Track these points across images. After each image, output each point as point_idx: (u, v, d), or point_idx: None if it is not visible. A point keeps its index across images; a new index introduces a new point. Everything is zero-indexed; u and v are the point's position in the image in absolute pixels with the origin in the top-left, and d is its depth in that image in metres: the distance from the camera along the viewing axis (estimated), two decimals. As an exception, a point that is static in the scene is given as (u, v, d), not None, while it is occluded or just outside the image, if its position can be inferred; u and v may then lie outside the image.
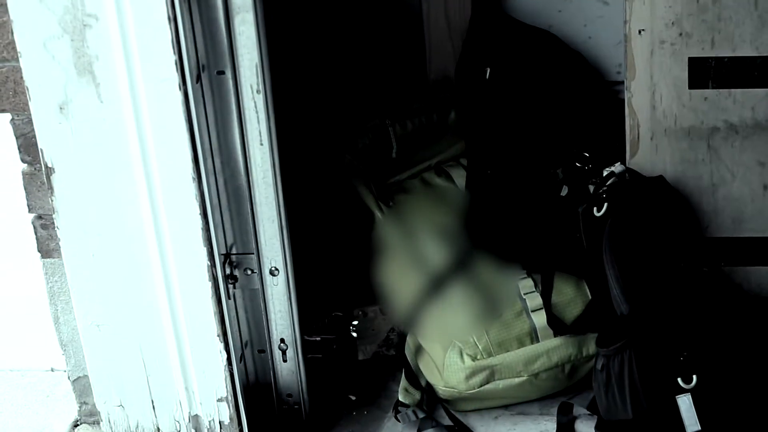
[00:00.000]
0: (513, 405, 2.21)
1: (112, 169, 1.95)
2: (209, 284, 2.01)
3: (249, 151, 2.00)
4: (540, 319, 2.14)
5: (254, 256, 2.08)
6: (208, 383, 2.10)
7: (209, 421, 2.14)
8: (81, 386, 2.22)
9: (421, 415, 2.16)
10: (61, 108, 1.92)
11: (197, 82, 1.94)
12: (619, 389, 2.01)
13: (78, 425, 2.26)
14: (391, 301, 2.24)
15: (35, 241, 2.11)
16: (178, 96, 1.88)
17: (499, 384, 2.14)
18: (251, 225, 2.06)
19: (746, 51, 2.20)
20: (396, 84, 2.50)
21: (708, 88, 2.25)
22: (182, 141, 1.91)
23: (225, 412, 2.13)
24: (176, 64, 1.85)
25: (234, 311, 2.14)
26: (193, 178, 1.93)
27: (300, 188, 2.23)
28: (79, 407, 2.25)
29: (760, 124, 2.25)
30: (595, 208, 2.14)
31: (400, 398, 2.19)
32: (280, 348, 2.16)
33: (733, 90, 2.24)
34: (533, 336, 2.14)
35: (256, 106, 1.96)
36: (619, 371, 2.01)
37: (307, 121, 2.31)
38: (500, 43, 2.40)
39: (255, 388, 2.21)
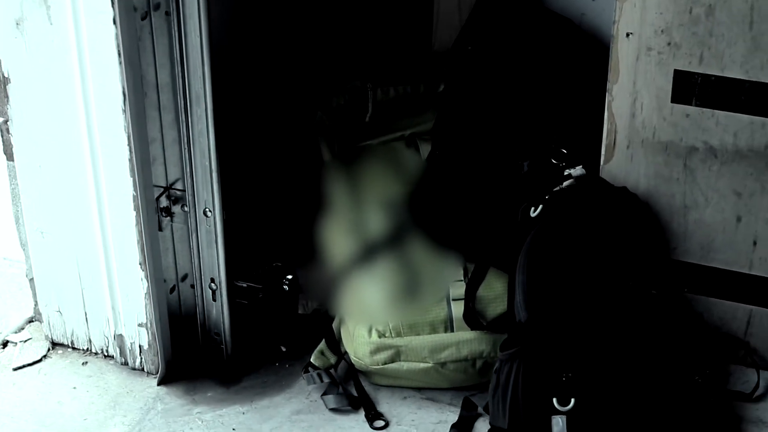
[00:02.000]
0: (427, 389, 2.19)
1: (58, 90, 2.03)
2: (133, 214, 2.08)
3: (190, 92, 2.04)
4: (459, 309, 2.10)
5: (190, 195, 2.13)
6: (131, 307, 2.18)
7: (131, 343, 2.23)
8: (35, 286, 2.33)
9: (326, 380, 2.18)
10: (17, 23, 2.01)
11: (144, 19, 1.99)
12: (502, 396, 1.96)
13: (32, 322, 2.39)
14: (325, 261, 2.24)
15: (1, 143, 2.23)
16: (113, 30, 1.93)
17: (403, 365, 2.12)
18: (188, 164, 2.10)
19: (735, 72, 2.06)
20: (397, 51, 2.45)
21: (691, 104, 2.12)
22: (114, 74, 1.96)
23: (145, 337, 2.20)
24: (112, -1, 1.91)
25: (171, 244, 2.19)
26: (123, 110, 1.99)
27: (258, 138, 2.26)
28: (35, 305, 2.37)
29: (740, 151, 2.11)
30: (532, 208, 2.07)
31: (312, 359, 2.21)
32: (210, 287, 2.21)
33: (717, 111, 2.10)
34: (448, 325, 2.10)
35: (197, 50, 1.99)
36: (505, 379, 1.95)
37: (282, 74, 2.32)
38: (498, 22, 2.31)
39: (186, 320, 2.27)
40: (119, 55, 1.94)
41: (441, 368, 2.12)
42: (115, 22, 1.92)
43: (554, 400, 1.90)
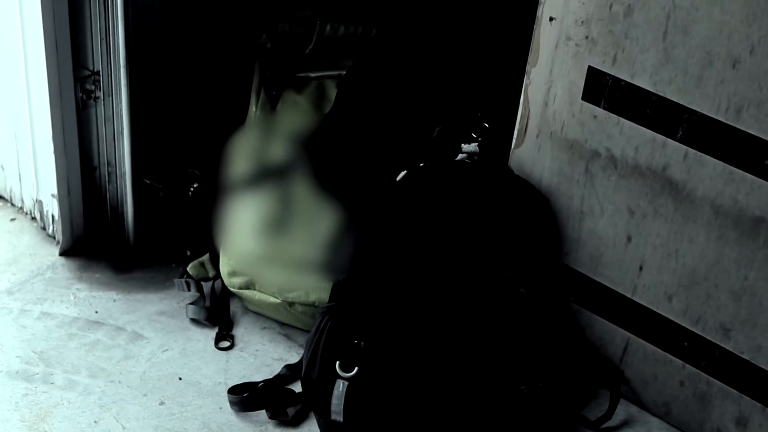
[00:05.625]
0: (289, 326, 2.19)
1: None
2: (46, 90, 2.18)
3: (110, -15, 2.11)
4: (319, 255, 2.09)
5: (106, 85, 2.21)
6: (46, 178, 2.30)
7: (47, 211, 2.36)
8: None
9: (194, 289, 2.23)
10: None
11: None
12: (307, 348, 1.95)
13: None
14: (226, 176, 2.26)
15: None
16: None
17: (255, 294, 2.14)
18: (106, 55, 2.18)
19: (644, 82, 1.90)
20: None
21: (600, 106, 1.98)
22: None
23: (56, 208, 2.32)
24: None
25: (95, 127, 2.28)
26: (42, -4, 2.10)
27: (199, 48, 2.30)
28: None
29: (639, 167, 1.96)
30: (403, 172, 2.02)
31: (188, 268, 2.26)
32: (123, 176, 2.30)
33: (622, 119, 1.95)
34: (304, 268, 2.09)
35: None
36: (314, 331, 1.93)
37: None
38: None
39: (104, 201, 2.36)
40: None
41: (289, 307, 2.12)
42: None
43: (337, 363, 1.87)
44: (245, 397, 1.98)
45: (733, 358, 1.94)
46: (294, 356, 2.14)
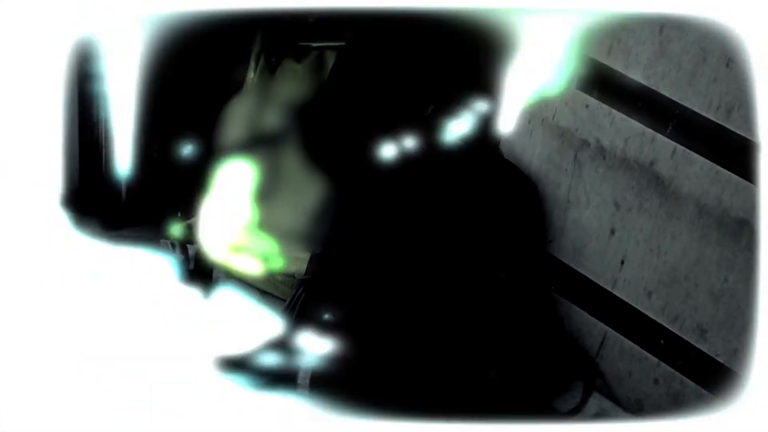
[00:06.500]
0: (270, 295, 2.19)
1: None
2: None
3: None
4: (303, 226, 2.08)
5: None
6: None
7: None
8: None
9: (179, 251, 2.23)
10: None
11: None
12: (282, 316, 1.95)
13: None
14: (219, 139, 2.26)
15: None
16: None
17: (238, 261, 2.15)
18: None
19: (637, 75, 1.88)
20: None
21: (592, 96, 1.95)
22: None
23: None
24: None
25: (95, 83, 2.30)
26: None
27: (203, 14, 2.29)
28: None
29: (627, 160, 1.93)
30: (389, 148, 2.00)
31: (175, 230, 2.27)
32: (120, 133, 2.31)
33: (614, 111, 1.93)
34: (287, 237, 2.09)
35: None
36: (289, 300, 1.94)
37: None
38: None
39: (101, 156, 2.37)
40: None
41: (270, 276, 2.12)
42: None
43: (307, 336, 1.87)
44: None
45: (708, 360, 1.92)
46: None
